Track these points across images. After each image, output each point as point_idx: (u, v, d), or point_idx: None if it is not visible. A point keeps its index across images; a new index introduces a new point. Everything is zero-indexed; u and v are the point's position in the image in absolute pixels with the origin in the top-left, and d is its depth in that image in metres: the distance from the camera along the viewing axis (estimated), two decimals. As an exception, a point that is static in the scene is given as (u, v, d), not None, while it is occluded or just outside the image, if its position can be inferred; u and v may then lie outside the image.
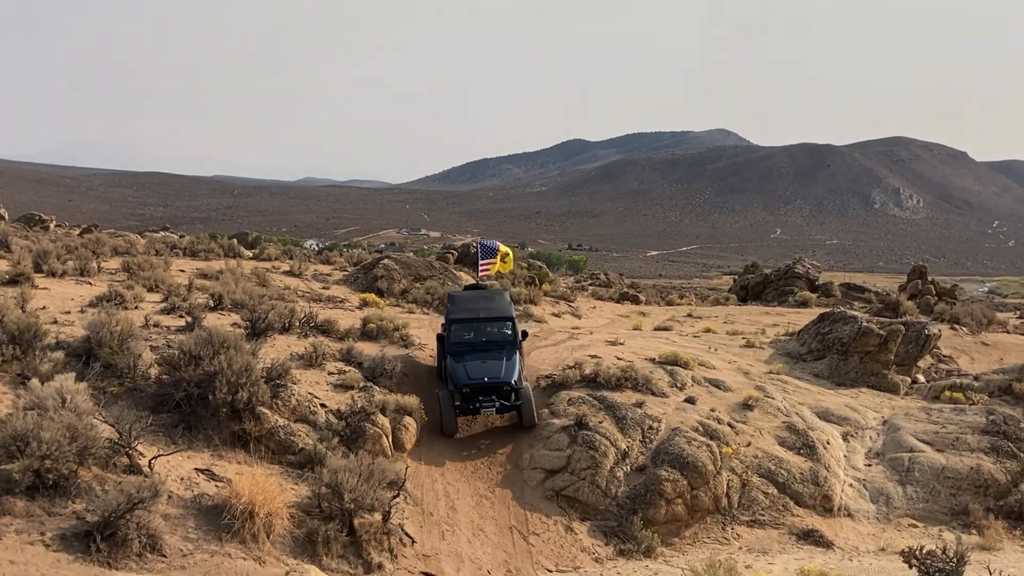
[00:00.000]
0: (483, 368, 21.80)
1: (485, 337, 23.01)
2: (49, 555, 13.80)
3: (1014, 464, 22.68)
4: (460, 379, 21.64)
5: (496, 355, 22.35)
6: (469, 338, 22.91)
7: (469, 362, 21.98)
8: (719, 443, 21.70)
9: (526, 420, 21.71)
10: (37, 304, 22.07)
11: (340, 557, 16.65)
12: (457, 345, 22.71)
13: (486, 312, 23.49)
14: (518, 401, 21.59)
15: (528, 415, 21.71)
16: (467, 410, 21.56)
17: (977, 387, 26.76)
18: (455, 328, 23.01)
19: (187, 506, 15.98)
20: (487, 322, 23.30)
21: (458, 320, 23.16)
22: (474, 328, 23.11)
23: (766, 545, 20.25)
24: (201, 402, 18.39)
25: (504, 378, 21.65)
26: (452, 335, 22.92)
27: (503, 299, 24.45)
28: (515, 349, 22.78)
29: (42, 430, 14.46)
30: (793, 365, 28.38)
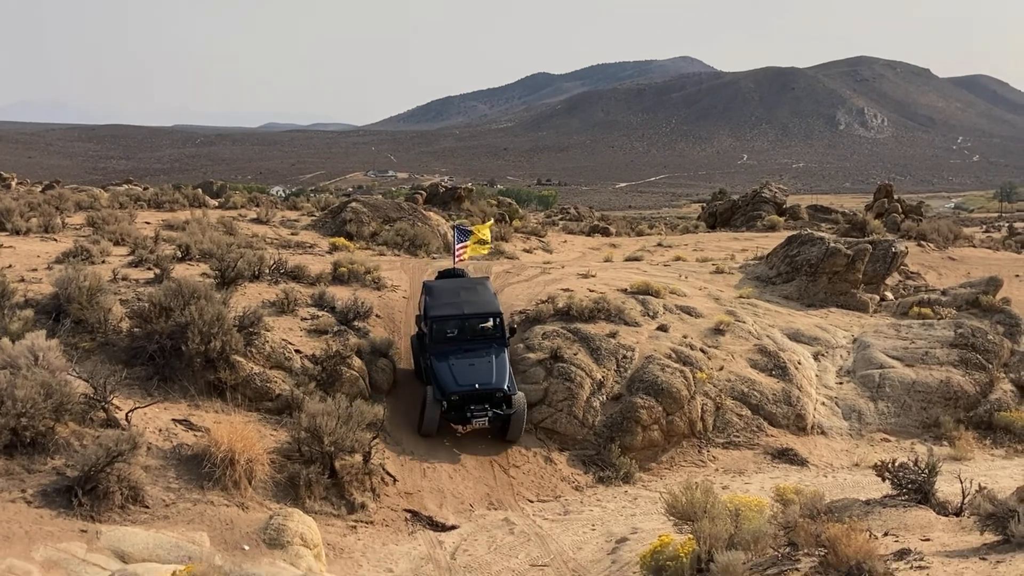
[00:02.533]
0: (472, 372, 19.85)
1: (470, 335, 20.97)
2: (31, 511, 13.85)
3: (983, 375, 23.12)
4: (447, 386, 19.53)
5: (484, 354, 20.38)
6: (453, 335, 20.85)
7: (455, 364, 19.98)
8: (693, 369, 21.94)
9: (511, 435, 19.76)
10: (3, 262, 21.86)
11: (323, 499, 16.82)
12: (439, 344, 20.58)
13: (471, 307, 21.28)
14: (511, 410, 19.54)
15: (516, 429, 19.71)
16: (455, 419, 19.69)
17: (945, 302, 27.13)
18: (437, 326, 20.80)
19: (167, 457, 16.04)
20: (472, 319, 21.18)
21: (440, 318, 20.91)
22: (458, 325, 21.01)
23: (742, 466, 20.62)
24: (174, 353, 18.37)
25: (496, 384, 19.69)
26: (434, 333, 20.72)
27: (486, 290, 22.36)
28: (503, 347, 20.78)
29: (16, 388, 14.42)
30: (763, 289, 28.62)
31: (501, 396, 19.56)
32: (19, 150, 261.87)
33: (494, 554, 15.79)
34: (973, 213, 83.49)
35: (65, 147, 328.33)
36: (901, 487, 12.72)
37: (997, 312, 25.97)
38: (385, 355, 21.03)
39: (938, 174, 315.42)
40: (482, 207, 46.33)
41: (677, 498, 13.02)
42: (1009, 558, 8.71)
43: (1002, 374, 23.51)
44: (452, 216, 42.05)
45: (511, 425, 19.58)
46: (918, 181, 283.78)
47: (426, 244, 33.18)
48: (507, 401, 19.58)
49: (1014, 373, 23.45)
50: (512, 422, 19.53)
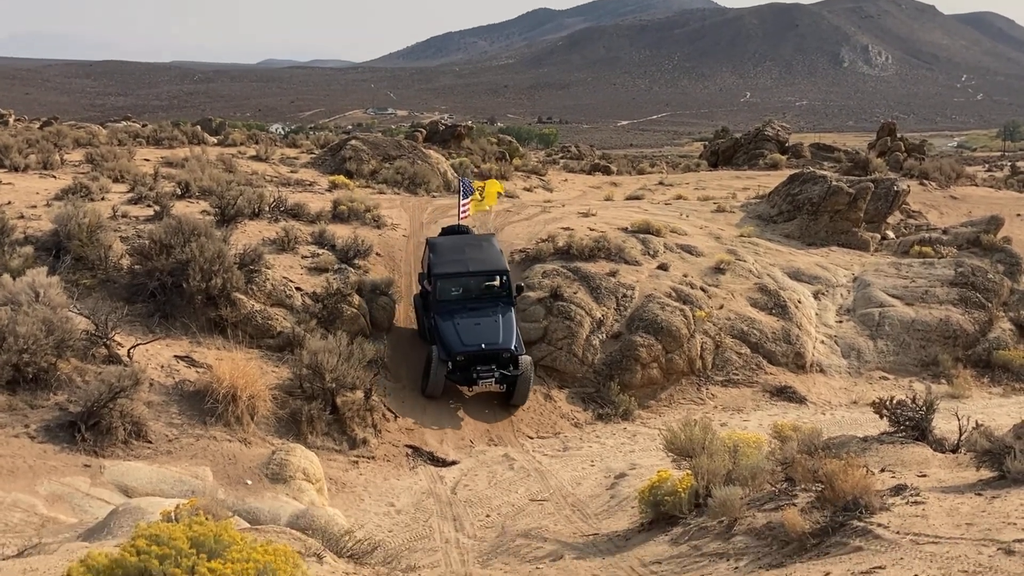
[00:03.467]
0: (478, 331, 19.20)
1: (476, 293, 20.29)
2: (35, 446, 13.97)
3: (982, 314, 23.17)
4: (453, 346, 18.90)
5: (490, 313, 19.72)
6: (458, 295, 20.18)
7: (461, 323, 19.34)
8: (692, 307, 21.98)
9: (516, 398, 19.26)
10: (2, 199, 21.79)
11: (324, 435, 16.96)
12: (445, 304, 19.87)
13: (476, 265, 20.53)
14: (517, 371, 18.93)
15: (522, 392, 19.20)
16: (460, 380, 19.08)
17: (946, 240, 27.09)
18: (442, 284, 20.06)
19: (169, 393, 16.15)
20: (478, 276, 20.50)
21: (445, 275, 20.17)
22: (463, 283, 20.34)
23: (740, 403, 20.76)
24: (175, 291, 18.40)
25: (503, 344, 19.05)
26: (439, 291, 19.96)
27: (492, 247, 21.51)
28: (510, 306, 20.07)
29: (18, 325, 14.47)
30: (764, 227, 28.55)
31: (508, 357, 18.93)
32: (16, 86, 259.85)
33: (494, 489, 15.97)
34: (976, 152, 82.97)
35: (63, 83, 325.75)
36: (899, 424, 12.81)
37: (998, 251, 25.96)
38: (385, 294, 21.04)
39: (941, 112, 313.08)
40: (482, 145, 46.03)
41: (676, 434, 13.14)
42: (1004, 493, 8.79)
43: (1001, 313, 23.57)
44: (452, 154, 41.80)
45: (517, 387, 19.04)
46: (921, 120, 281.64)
47: (426, 182, 33.04)
48: (514, 362, 18.96)
49: (1013, 312, 23.52)
50: (518, 384, 18.99)
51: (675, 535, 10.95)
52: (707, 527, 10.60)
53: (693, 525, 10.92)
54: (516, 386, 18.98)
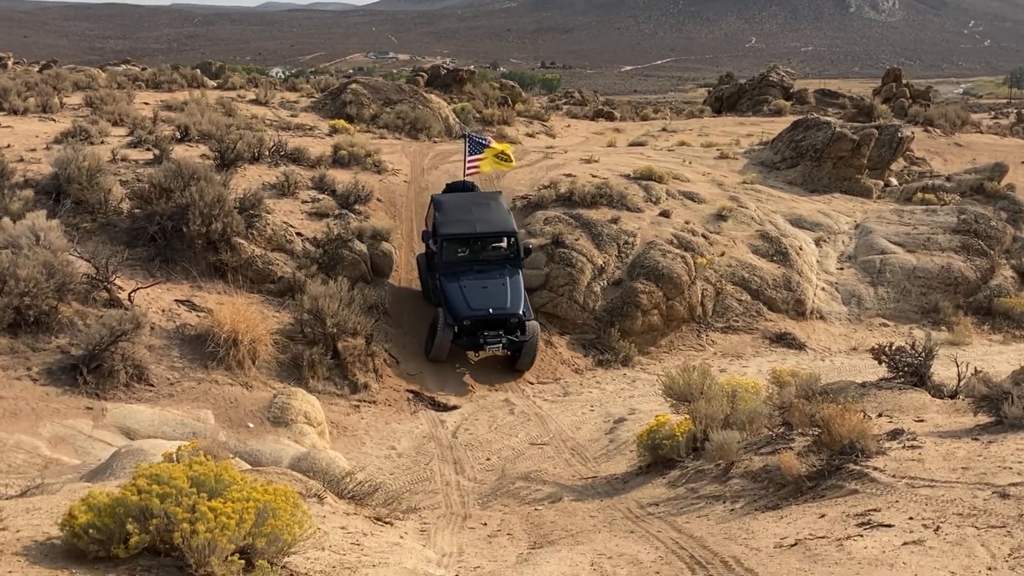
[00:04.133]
0: (485, 295, 18.66)
1: (483, 255, 19.66)
2: (37, 389, 14.05)
3: (984, 261, 23.13)
4: (460, 310, 18.37)
5: (498, 276, 19.13)
6: (464, 255, 19.48)
7: (467, 286, 18.75)
8: (693, 254, 21.95)
9: (522, 363, 18.88)
10: (1, 142, 21.66)
11: (326, 379, 17.04)
12: (450, 265, 19.19)
13: (484, 226, 19.83)
14: (524, 337, 18.53)
15: (528, 357, 18.84)
16: (467, 344, 18.57)
17: (949, 187, 26.97)
18: (448, 246, 19.34)
19: (170, 337, 16.20)
20: (486, 238, 19.87)
21: (451, 237, 19.42)
22: (469, 244, 19.65)
23: (740, 350, 20.81)
24: (176, 235, 18.38)
25: (511, 308, 18.54)
26: (445, 253, 19.27)
27: (500, 206, 20.69)
28: (517, 268, 19.47)
29: (18, 268, 14.48)
30: (767, 174, 28.41)
31: (516, 322, 18.51)
32: (14, 29, 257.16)
33: (494, 433, 16.07)
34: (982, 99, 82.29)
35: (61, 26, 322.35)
36: (897, 370, 12.81)
37: (1001, 198, 25.85)
38: (386, 240, 20.98)
39: (948, 59, 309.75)
40: (484, 90, 45.52)
41: (674, 380, 13.19)
42: (1001, 438, 8.83)
43: (1003, 260, 23.54)
44: (453, 99, 41.43)
45: (523, 353, 18.70)
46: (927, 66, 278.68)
47: (427, 127, 32.78)
48: (521, 327, 18.56)
49: (1015, 259, 23.48)
50: (524, 350, 18.64)
51: (672, 478, 11.03)
52: (704, 470, 10.68)
53: (690, 468, 10.98)
54: (523, 352, 18.66)
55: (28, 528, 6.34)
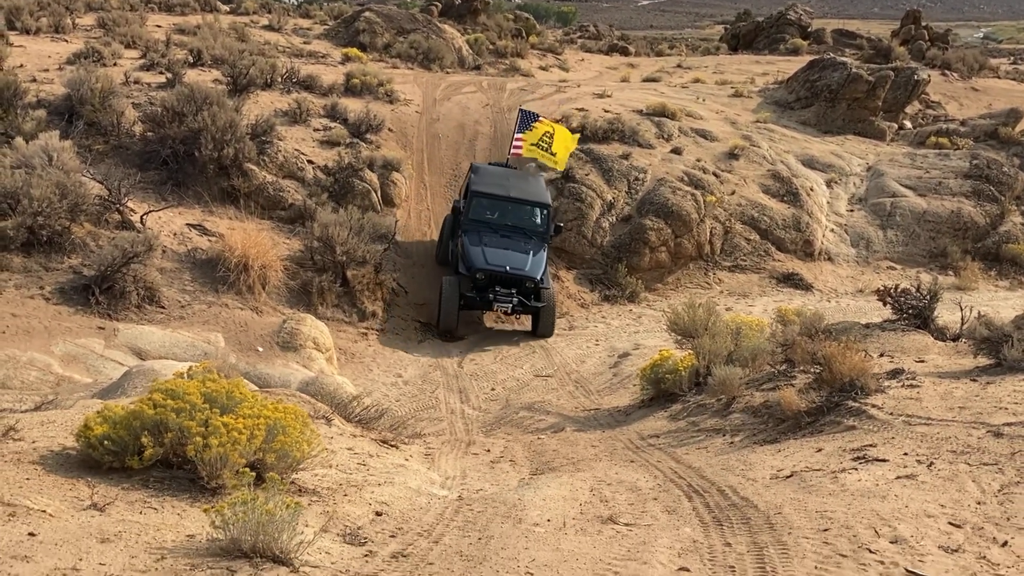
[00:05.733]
0: (505, 255, 17.63)
1: (511, 222, 18.44)
2: (50, 308, 14.22)
3: (994, 207, 23.07)
4: (475, 262, 17.38)
5: (522, 246, 18.04)
6: (492, 219, 18.37)
7: (488, 244, 17.81)
8: (704, 192, 21.92)
9: (542, 329, 17.77)
10: (14, 62, 21.58)
11: (335, 307, 17.20)
12: (475, 224, 18.18)
13: (518, 192, 18.88)
14: (539, 303, 17.59)
15: (546, 324, 17.79)
16: (476, 303, 17.53)
17: (963, 132, 26.78)
18: (477, 203, 18.37)
19: (181, 260, 16.33)
20: (518, 204, 18.68)
21: (482, 194, 18.48)
22: (500, 208, 18.50)
23: (747, 289, 20.91)
24: (188, 159, 18.41)
25: (530, 272, 17.51)
26: (472, 210, 18.29)
27: (539, 183, 19.77)
28: (543, 244, 18.43)
29: (32, 188, 14.55)
30: (780, 113, 28.22)
31: (532, 286, 17.53)
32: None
33: (500, 364, 16.25)
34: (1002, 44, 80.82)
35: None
36: (901, 312, 12.91)
37: (1015, 144, 25.68)
38: (397, 170, 21.00)
39: (969, 1, 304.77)
40: (498, 22, 45.02)
41: (679, 315, 13.32)
42: (999, 380, 8.96)
43: (1014, 207, 23.47)
44: (467, 30, 41.02)
45: (540, 319, 17.72)
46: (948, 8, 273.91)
47: (440, 58, 32.57)
48: (537, 294, 17.63)
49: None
50: (542, 316, 17.68)
51: (674, 411, 11.20)
52: (705, 404, 10.84)
53: (692, 402, 11.15)
54: (540, 317, 17.71)
55: (43, 439, 6.51)
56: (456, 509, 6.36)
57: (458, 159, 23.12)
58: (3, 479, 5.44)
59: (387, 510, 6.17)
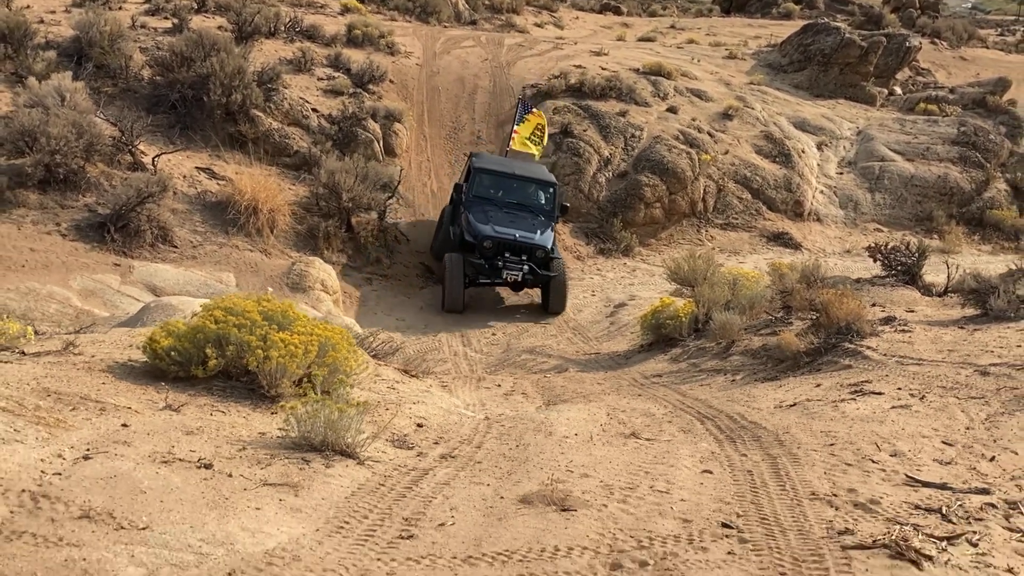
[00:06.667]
0: (512, 224, 16.75)
1: (517, 199, 17.59)
2: (67, 244, 14.61)
3: (980, 173, 23.66)
4: (483, 231, 16.42)
5: (529, 222, 17.06)
6: (496, 196, 17.50)
7: (493, 217, 16.90)
8: (698, 151, 22.39)
9: (554, 302, 16.59)
10: (21, 2, 21.71)
11: (340, 251, 17.63)
12: (479, 200, 17.28)
13: (523, 171, 18.17)
14: (551, 273, 16.51)
15: (558, 297, 16.60)
16: (484, 271, 16.36)
17: (952, 99, 27.32)
18: (480, 180, 17.55)
19: (192, 202, 16.70)
20: (523, 181, 17.90)
21: (486, 171, 17.78)
22: (504, 186, 17.68)
23: (738, 246, 21.45)
24: (196, 104, 18.70)
25: (539, 241, 16.57)
26: (475, 188, 17.42)
27: (542, 167, 19.32)
28: (550, 223, 17.38)
29: (49, 126, 14.86)
30: (774, 76, 28.66)
31: (543, 256, 16.49)
32: None
33: (500, 311, 16.74)
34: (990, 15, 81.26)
35: None
36: (891, 268, 13.47)
37: (1002, 113, 26.24)
38: (399, 121, 21.36)
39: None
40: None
41: (680, 265, 13.86)
42: (985, 327, 9.55)
43: (999, 174, 24.06)
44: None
45: (552, 291, 16.59)
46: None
47: (437, 11, 32.73)
48: (548, 265, 16.59)
49: (1010, 173, 24.01)
50: (553, 288, 16.57)
51: (674, 355, 11.75)
52: (705, 348, 11.41)
53: (692, 346, 11.72)
54: (552, 289, 16.57)
55: (100, 354, 6.98)
56: (488, 425, 6.88)
57: (458, 112, 23.48)
58: (82, 383, 5.91)
59: (426, 423, 6.69)
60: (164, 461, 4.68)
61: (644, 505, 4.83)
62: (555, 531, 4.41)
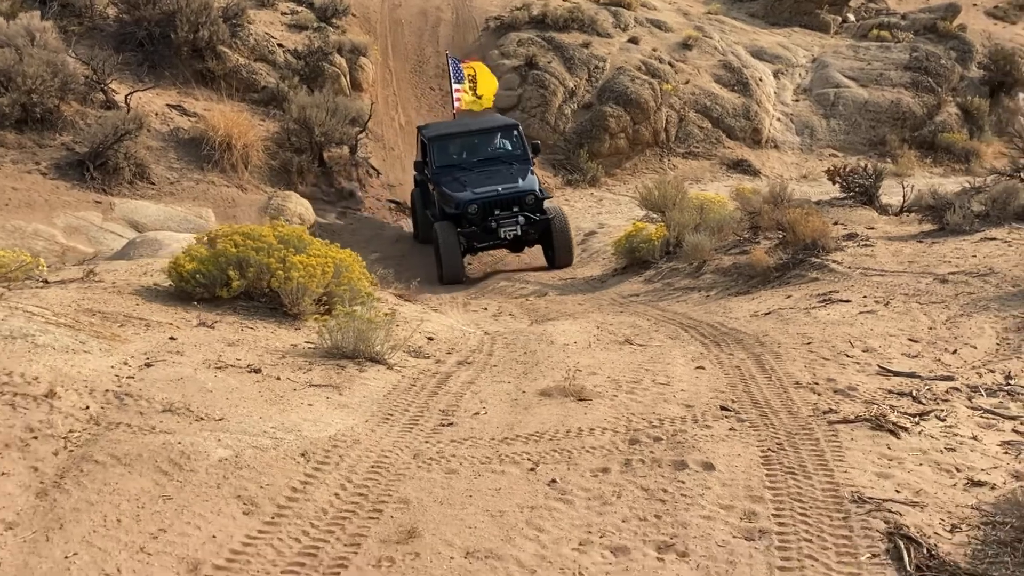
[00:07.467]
0: (490, 180, 15.04)
1: (484, 155, 15.95)
2: (47, 182, 14.83)
3: (931, 98, 24.33)
4: (463, 198, 14.59)
5: (506, 172, 15.36)
6: (463, 160, 15.82)
7: (468, 178, 15.19)
8: (660, 81, 22.79)
9: (559, 256, 14.95)
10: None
11: (314, 186, 17.94)
12: (446, 169, 15.53)
13: (479, 124, 16.79)
14: (548, 216, 14.78)
15: (563, 245, 14.96)
16: (479, 236, 14.66)
17: (904, 26, 27.85)
18: (438, 147, 15.83)
19: (166, 139, 16.90)
20: (483, 134, 16.36)
21: (440, 136, 16.10)
22: (466, 145, 16.08)
23: (699, 174, 22.00)
24: (163, 41, 18.74)
25: (525, 187, 14.86)
26: (437, 157, 15.68)
27: (497, 115, 18.53)
28: (528, 167, 15.66)
29: (25, 66, 14.95)
30: (731, 5, 28.99)
31: (533, 201, 14.74)
32: None
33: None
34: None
35: None
36: (849, 190, 14.09)
37: (952, 38, 26.83)
38: (364, 55, 21.49)
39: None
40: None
41: (650, 191, 14.35)
42: (942, 241, 10.21)
43: (950, 98, 24.73)
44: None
45: (555, 240, 14.84)
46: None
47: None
48: (541, 207, 14.85)
49: (961, 97, 24.68)
50: (556, 236, 14.80)
51: (648, 276, 12.34)
52: (678, 268, 11.99)
53: (665, 268, 12.31)
54: (555, 238, 14.82)
55: (120, 281, 7.38)
56: (492, 339, 7.42)
57: (421, 45, 23.64)
58: (118, 304, 6.35)
59: (436, 337, 7.21)
60: (218, 367, 5.16)
61: (649, 395, 5.40)
62: (576, 416, 4.97)
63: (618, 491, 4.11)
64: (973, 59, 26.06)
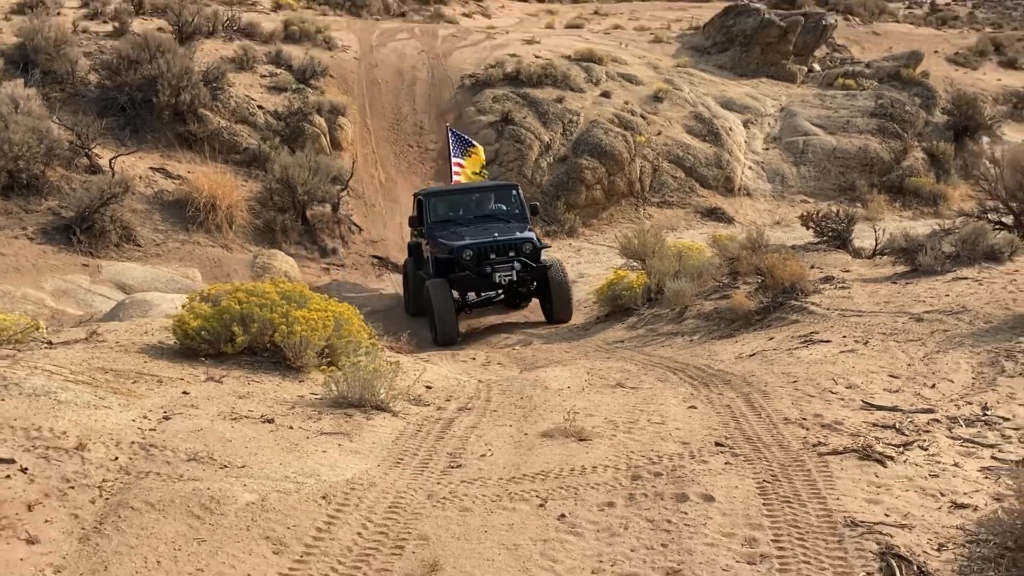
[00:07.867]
0: (487, 232, 14.64)
1: (482, 212, 15.68)
2: (35, 247, 15.01)
3: (897, 143, 24.96)
4: (457, 244, 14.26)
5: (502, 226, 15.03)
6: (459, 216, 15.49)
7: (464, 230, 14.82)
8: (633, 133, 23.30)
9: (558, 309, 14.35)
10: (-43, 12, 21.80)
11: (297, 244, 18.20)
12: (442, 223, 15.17)
13: (477, 184, 16.84)
14: (545, 263, 14.31)
15: (562, 301, 14.32)
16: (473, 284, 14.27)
17: (868, 74, 28.62)
18: (435, 204, 15.53)
19: (150, 202, 17.14)
20: (482, 192, 16.26)
21: (438, 193, 16.08)
22: (463, 203, 15.81)
23: (675, 222, 22.41)
24: (145, 105, 19.06)
25: (522, 236, 14.50)
26: (433, 214, 15.33)
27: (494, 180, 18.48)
28: (526, 224, 15.31)
29: (10, 133, 15.19)
30: (699, 58, 29.72)
31: (530, 249, 14.30)
32: None
33: (458, 293, 17.42)
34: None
35: None
36: (823, 235, 14.51)
37: (916, 85, 27.59)
38: (343, 114, 21.89)
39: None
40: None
41: (630, 240, 14.70)
42: (916, 281, 10.56)
43: (915, 143, 25.38)
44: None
45: (553, 292, 14.25)
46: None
47: (367, 4, 33.32)
48: (538, 256, 14.38)
49: (927, 142, 25.33)
50: (552, 285, 14.22)
51: (631, 323, 12.63)
52: (660, 314, 12.29)
53: (647, 314, 12.60)
54: (552, 290, 14.24)
55: (123, 341, 7.57)
56: (488, 385, 7.65)
57: (399, 103, 24.09)
58: (127, 362, 6.54)
59: (434, 386, 7.43)
60: (233, 418, 5.36)
61: (646, 434, 5.65)
62: (579, 455, 5.21)
63: (625, 523, 4.34)
64: (937, 105, 26.79)
